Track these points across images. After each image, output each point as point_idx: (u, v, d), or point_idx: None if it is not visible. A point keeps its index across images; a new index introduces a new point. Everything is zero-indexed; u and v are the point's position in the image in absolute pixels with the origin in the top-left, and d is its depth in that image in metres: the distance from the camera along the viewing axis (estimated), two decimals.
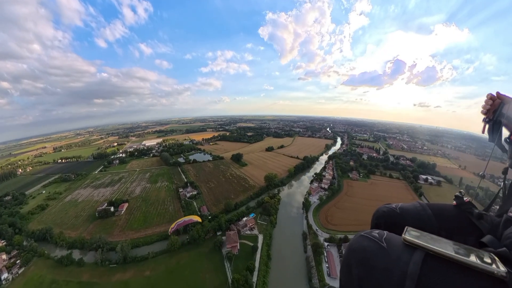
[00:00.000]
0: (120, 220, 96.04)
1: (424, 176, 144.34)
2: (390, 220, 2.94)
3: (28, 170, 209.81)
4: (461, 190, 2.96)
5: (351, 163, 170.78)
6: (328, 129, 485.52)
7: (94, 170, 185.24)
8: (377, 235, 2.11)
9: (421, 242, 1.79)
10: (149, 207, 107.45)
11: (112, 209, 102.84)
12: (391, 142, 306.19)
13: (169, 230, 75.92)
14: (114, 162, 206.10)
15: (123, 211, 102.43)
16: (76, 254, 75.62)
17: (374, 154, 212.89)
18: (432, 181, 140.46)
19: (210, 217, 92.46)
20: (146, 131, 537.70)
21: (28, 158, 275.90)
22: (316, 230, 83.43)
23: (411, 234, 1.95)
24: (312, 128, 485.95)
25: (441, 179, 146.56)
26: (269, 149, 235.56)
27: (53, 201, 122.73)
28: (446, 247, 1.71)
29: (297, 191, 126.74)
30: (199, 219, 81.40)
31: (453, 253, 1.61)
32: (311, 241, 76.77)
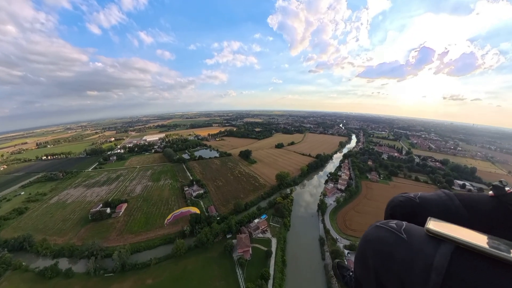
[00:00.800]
0: (117, 223, 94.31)
1: (460, 182, 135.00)
2: (408, 210, 2.79)
3: (2, 169, 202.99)
4: (502, 179, 2.56)
5: (370, 163, 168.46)
6: (341, 125, 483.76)
7: (87, 168, 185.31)
8: (394, 225, 2.08)
9: (450, 234, 1.70)
10: (151, 207, 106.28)
11: (108, 210, 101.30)
12: (415, 141, 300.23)
13: (165, 221, 74.56)
14: (111, 158, 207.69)
15: (121, 213, 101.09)
16: (64, 264, 71.96)
17: (396, 154, 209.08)
18: (472, 188, 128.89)
19: (218, 218, 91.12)
20: (147, 126, 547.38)
21: (2, 156, 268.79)
22: (337, 239, 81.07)
23: (436, 225, 1.86)
24: (324, 124, 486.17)
25: (483, 186, 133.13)
26: (279, 146, 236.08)
27: (34, 203, 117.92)
28: (481, 241, 1.61)
29: (311, 192, 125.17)
30: (198, 211, 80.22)
31: (490, 248, 1.51)
32: (330, 248, 74.79)
